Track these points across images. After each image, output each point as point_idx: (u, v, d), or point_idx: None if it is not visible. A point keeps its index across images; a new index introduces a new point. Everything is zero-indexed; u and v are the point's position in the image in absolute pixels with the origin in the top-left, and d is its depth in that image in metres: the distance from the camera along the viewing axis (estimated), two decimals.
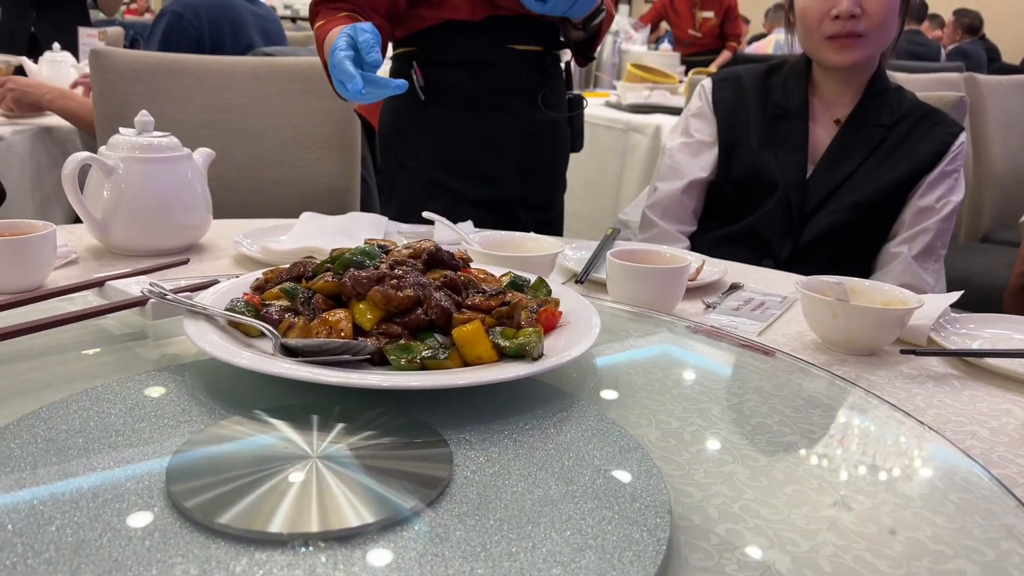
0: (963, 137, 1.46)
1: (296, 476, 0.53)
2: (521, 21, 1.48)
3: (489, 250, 1.04)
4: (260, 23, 2.38)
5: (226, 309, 0.73)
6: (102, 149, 1.11)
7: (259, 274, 0.82)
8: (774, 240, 1.46)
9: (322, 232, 1.20)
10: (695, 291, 1.08)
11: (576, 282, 1.10)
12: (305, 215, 1.28)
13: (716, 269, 1.15)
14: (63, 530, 0.47)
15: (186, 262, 1.02)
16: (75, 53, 3.07)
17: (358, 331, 0.70)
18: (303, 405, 0.63)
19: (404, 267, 0.75)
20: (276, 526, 0.48)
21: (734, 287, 1.11)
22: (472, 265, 0.86)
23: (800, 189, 1.45)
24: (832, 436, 0.68)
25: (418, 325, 0.71)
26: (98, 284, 0.84)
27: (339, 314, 0.71)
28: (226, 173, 1.79)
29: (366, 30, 1.10)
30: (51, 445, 0.57)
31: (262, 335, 0.71)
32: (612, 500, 0.53)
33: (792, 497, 0.57)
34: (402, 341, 0.69)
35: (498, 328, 0.71)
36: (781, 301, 1.06)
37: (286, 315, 0.73)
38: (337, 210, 1.44)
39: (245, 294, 0.78)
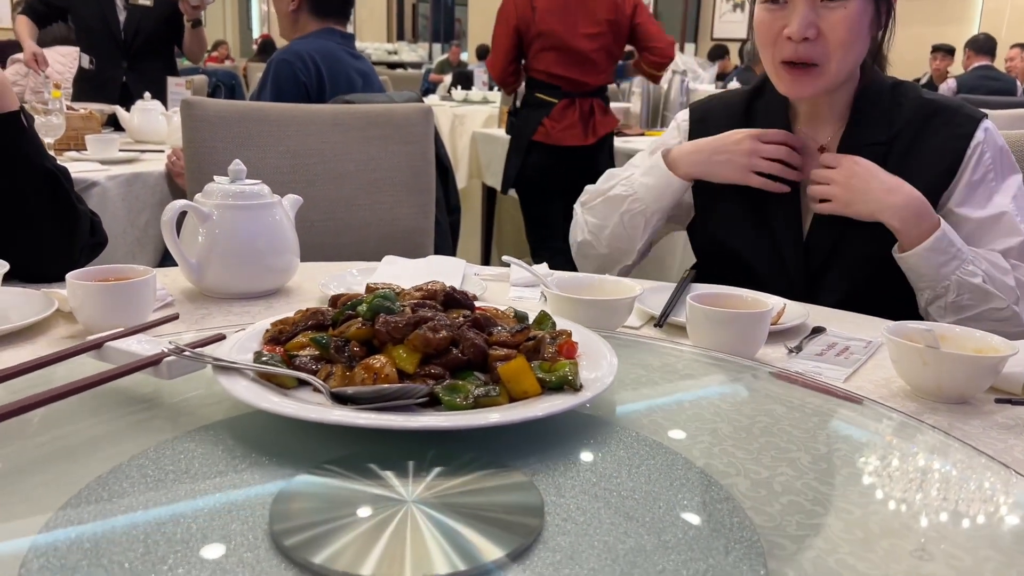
0: (981, 134, 1.20)
1: (390, 521, 0.54)
2: None
3: (567, 293, 1.05)
4: (362, 77, 2.48)
5: (256, 362, 0.73)
6: (198, 196, 1.16)
7: (267, 324, 0.81)
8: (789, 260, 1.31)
9: (404, 275, 1.23)
10: (777, 335, 1.06)
11: (655, 325, 1.10)
12: (387, 258, 1.31)
13: (798, 312, 1.13)
14: (175, 569, 0.49)
15: (176, 318, 0.94)
16: (164, 101, 3.23)
17: (401, 375, 0.71)
18: (394, 451, 0.65)
19: (426, 309, 0.77)
20: (368, 569, 0.49)
21: (816, 331, 1.09)
22: (479, 304, 0.86)
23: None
24: (926, 488, 0.66)
25: (456, 365, 0.73)
26: (96, 346, 0.78)
27: (381, 359, 0.71)
28: (307, 216, 1.83)
29: None
30: (160, 485, 0.59)
31: (298, 386, 0.71)
32: (705, 553, 0.53)
33: (889, 552, 0.55)
34: (447, 382, 0.71)
35: (534, 362, 0.72)
36: (866, 346, 1.04)
37: (319, 364, 0.74)
38: (412, 251, 1.47)
39: (266, 347, 0.77)
